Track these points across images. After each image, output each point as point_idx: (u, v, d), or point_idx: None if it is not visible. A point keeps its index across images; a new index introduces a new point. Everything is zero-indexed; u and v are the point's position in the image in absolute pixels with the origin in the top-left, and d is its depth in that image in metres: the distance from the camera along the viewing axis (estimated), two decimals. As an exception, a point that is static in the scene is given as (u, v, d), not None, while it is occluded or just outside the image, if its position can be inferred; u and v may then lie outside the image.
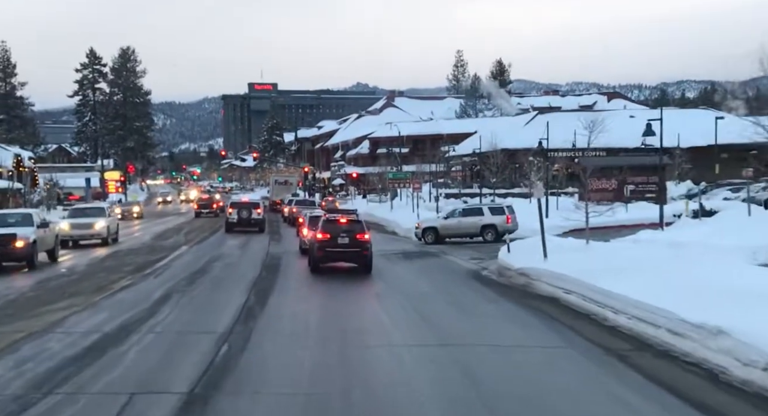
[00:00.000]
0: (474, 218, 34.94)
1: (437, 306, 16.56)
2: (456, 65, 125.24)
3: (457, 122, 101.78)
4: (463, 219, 35.14)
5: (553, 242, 22.88)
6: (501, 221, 34.43)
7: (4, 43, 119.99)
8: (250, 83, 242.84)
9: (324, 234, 23.01)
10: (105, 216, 33.97)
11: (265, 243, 34.74)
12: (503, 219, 34.48)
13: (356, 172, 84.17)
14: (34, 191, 59.58)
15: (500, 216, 34.57)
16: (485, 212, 34.94)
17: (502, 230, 34.40)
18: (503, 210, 34.96)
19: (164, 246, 31.77)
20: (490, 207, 35.73)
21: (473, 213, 35.30)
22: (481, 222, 34.56)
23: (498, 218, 34.54)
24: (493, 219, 34.62)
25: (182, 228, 46.10)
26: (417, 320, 14.80)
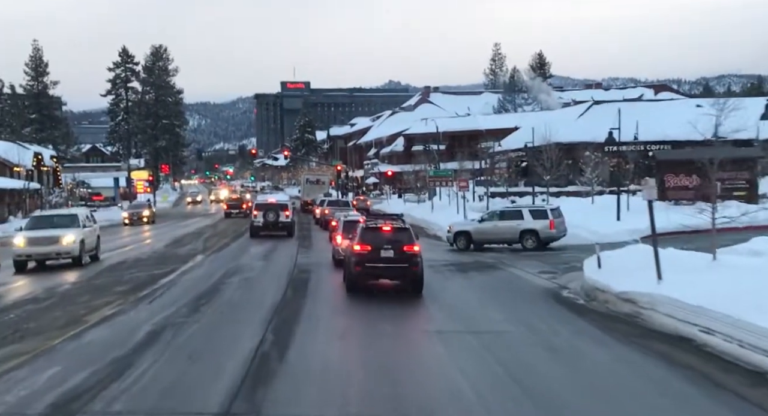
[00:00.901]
0: (512, 222, 29.74)
1: (527, 354, 11.55)
2: (493, 59, 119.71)
3: (497, 117, 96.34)
4: (500, 222, 29.99)
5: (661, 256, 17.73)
6: (543, 226, 29.21)
7: (36, 43, 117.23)
8: (283, 82, 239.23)
9: (363, 246, 18.14)
10: (77, 227, 24.60)
11: (293, 251, 29.98)
12: (545, 224, 29.15)
13: (391, 170, 79.17)
14: (54, 191, 55.65)
15: (542, 221, 29.20)
16: (525, 215, 29.60)
17: (544, 236, 29.29)
18: (546, 213, 29.55)
19: (176, 256, 27.14)
20: (531, 209, 30.36)
21: (511, 217, 30.00)
22: (519, 227, 29.32)
23: (540, 222, 29.25)
24: (534, 223, 29.35)
25: (204, 232, 41.57)
26: (506, 384, 9.79)
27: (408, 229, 18.74)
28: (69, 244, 23.75)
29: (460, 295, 18.39)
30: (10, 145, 55.31)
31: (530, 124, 74.88)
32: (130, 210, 54.58)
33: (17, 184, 50.28)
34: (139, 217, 51.87)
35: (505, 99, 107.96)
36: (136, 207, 56.06)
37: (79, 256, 24.19)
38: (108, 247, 31.31)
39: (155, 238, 36.78)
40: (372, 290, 18.37)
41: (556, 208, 30.79)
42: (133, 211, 53.40)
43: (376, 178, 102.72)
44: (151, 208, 55.05)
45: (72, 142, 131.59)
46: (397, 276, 18.45)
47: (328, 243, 33.05)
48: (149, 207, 54.90)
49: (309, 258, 26.97)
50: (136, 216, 52.14)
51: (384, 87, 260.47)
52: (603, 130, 45.23)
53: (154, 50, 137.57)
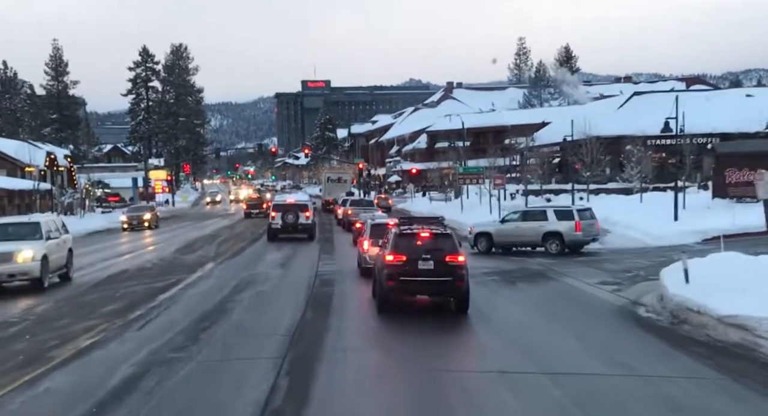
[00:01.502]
0: (535, 223, 26.53)
1: (636, 415, 8.27)
2: (518, 53, 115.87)
3: (523, 112, 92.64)
4: (523, 224, 26.83)
5: (758, 266, 14.34)
6: (568, 228, 25.84)
7: (55, 42, 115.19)
8: (303, 81, 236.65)
9: (397, 256, 14.93)
10: (39, 240, 18.90)
11: (313, 256, 26.82)
12: (570, 225, 25.87)
13: (415, 168, 75.87)
14: (66, 192, 52.98)
15: (567, 222, 25.91)
16: (549, 216, 26.49)
17: (569, 240, 25.85)
18: (571, 214, 26.33)
19: (184, 265, 24.05)
20: (555, 209, 27.29)
21: (534, 217, 26.94)
22: (543, 229, 26.18)
23: (564, 224, 25.90)
24: (559, 225, 26.03)
25: (219, 234, 38.55)
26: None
27: (451, 235, 15.48)
28: (26, 262, 18.12)
29: (516, 315, 15.10)
30: (21, 144, 52.74)
31: (560, 118, 71.31)
32: (129, 213, 48.07)
33: (27, 184, 47.62)
34: (139, 221, 46.02)
35: (530, 94, 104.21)
36: (136, 209, 49.58)
37: (40, 277, 18.37)
38: (110, 254, 28.45)
39: (165, 243, 33.80)
40: (407, 307, 15.19)
41: (586, 209, 27.45)
42: (133, 215, 47.12)
43: (398, 176, 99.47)
44: (153, 210, 48.88)
45: (93, 142, 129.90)
46: (438, 293, 15.22)
47: (352, 248, 29.94)
48: (151, 209, 48.85)
49: (332, 266, 23.80)
50: (136, 220, 46.19)
51: (404, 85, 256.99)
52: (646, 121, 41.67)
53: (174, 49, 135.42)
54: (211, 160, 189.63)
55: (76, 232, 42.38)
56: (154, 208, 50.55)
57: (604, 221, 32.31)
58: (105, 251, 30.33)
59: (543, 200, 44.90)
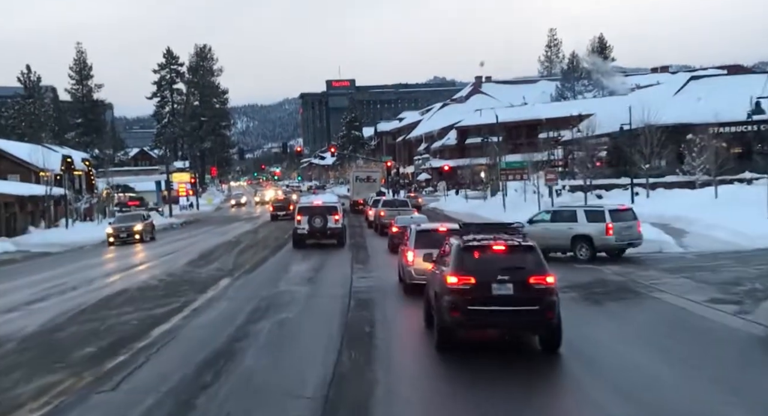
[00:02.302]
0: (563, 225, 23.07)
1: None
2: (549, 45, 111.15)
3: (558, 105, 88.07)
4: (551, 225, 23.46)
5: None
6: (598, 231, 22.17)
7: (79, 45, 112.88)
8: (328, 80, 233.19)
9: (463, 277, 10.98)
10: None
11: (345, 267, 22.91)
12: (600, 228, 22.20)
13: (448, 165, 71.64)
14: (82, 197, 49.73)
15: (597, 224, 22.34)
16: (579, 217, 23.09)
17: (599, 244, 21.94)
18: (602, 215, 22.64)
19: (195, 281, 20.22)
20: (586, 209, 23.86)
21: (563, 218, 23.57)
22: (571, 232, 22.69)
23: (594, 227, 22.19)
24: (588, 227, 22.33)
25: (240, 241, 34.81)
26: None
27: (534, 249, 11.42)
28: None
29: (623, 353, 11.08)
30: (34, 147, 49.60)
31: (601, 109, 66.76)
32: (116, 223, 38.81)
33: (40, 189, 44.42)
34: (129, 233, 36.83)
35: (563, 86, 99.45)
36: (125, 219, 39.80)
37: None
38: (115, 267, 24.77)
39: (180, 252, 30.06)
40: (474, 343, 11.26)
41: (624, 209, 23.48)
42: (120, 226, 37.74)
43: (428, 174, 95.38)
44: (146, 220, 39.80)
45: (119, 146, 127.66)
46: (520, 326, 11.20)
47: (388, 255, 26.02)
48: (143, 219, 39.51)
49: (368, 280, 19.86)
50: (125, 231, 36.92)
51: (429, 83, 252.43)
52: (709, 108, 37.10)
53: (198, 50, 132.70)
54: (238, 162, 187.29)
55: (87, 241, 39.21)
56: (148, 217, 41.56)
57: (677, 219, 28.08)
58: (111, 263, 26.77)
59: (593, 197, 40.60)
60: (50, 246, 36.91)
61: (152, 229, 40.11)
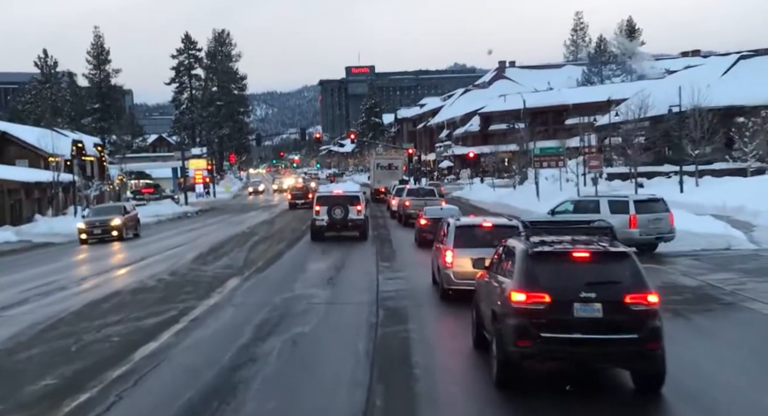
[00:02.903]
0: (585, 217, 19.69)
1: None
2: (575, 29, 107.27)
3: (586, 90, 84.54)
4: (573, 216, 21.08)
5: None
6: (620, 223, 19.37)
7: (96, 29, 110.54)
8: (347, 67, 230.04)
9: (534, 294, 8.23)
10: None
11: (370, 265, 20.17)
12: (623, 220, 19.87)
13: (472, 152, 68.53)
14: (92, 184, 47.39)
15: (620, 216, 20.03)
16: (602, 207, 21.16)
17: (622, 238, 18.75)
18: (627, 206, 20.63)
19: (199, 281, 17.55)
20: (611, 199, 21.86)
21: (586, 209, 21.55)
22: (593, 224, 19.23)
23: (617, 218, 19.42)
24: (612, 219, 18.90)
25: (255, 232, 32.17)
26: None
27: (629, 257, 8.58)
28: None
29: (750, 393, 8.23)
30: (43, 131, 47.22)
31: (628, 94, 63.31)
32: (90, 217, 31.72)
33: (47, 175, 42.08)
34: (104, 230, 30.15)
35: (590, 71, 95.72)
36: (101, 212, 32.51)
37: None
38: (113, 263, 22.20)
39: (188, 245, 27.39)
40: (543, 374, 8.49)
41: (654, 200, 21.29)
42: (94, 220, 30.72)
43: (450, 162, 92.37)
44: (127, 213, 32.42)
45: (137, 132, 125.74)
46: (612, 359, 8.39)
47: (416, 250, 23.33)
48: (123, 212, 32.04)
49: (397, 282, 17.10)
50: (99, 227, 30.22)
51: (449, 69, 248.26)
52: (761, 89, 33.77)
53: (217, 35, 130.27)
54: (257, 149, 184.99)
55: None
56: (132, 210, 34.28)
57: (740, 211, 25.02)
58: (111, 257, 24.25)
59: (632, 185, 37.52)
60: (54, 236, 34.53)
61: (136, 224, 33.44)
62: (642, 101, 32.14)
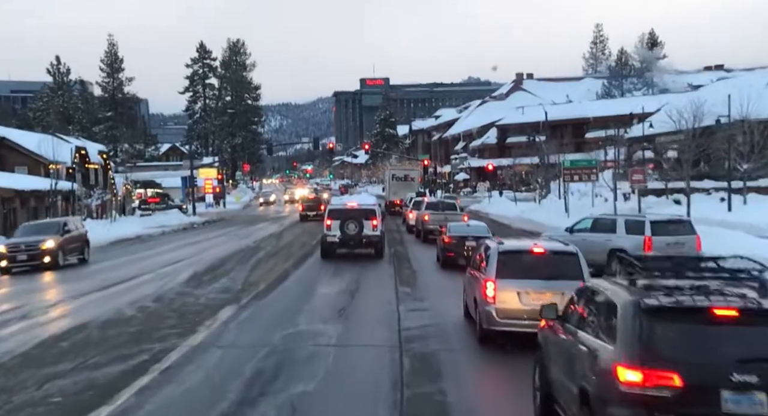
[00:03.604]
0: (602, 236, 19.48)
1: None
2: (594, 42, 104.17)
3: (606, 103, 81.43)
4: (590, 236, 19.78)
5: None
6: (634, 245, 18.05)
7: (111, 37, 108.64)
8: (362, 79, 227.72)
9: (658, 374, 5.21)
10: None
11: (388, 291, 17.19)
12: (638, 242, 18.27)
13: (491, 164, 65.52)
14: (93, 193, 44.75)
15: (635, 237, 18.56)
16: (618, 227, 19.45)
17: None
18: (642, 226, 18.77)
19: (185, 312, 14.61)
20: (627, 219, 20.05)
21: (603, 228, 19.96)
22: (609, 245, 18.79)
23: (631, 240, 18.46)
24: (625, 240, 18.65)
25: (261, 247, 29.27)
26: None
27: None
28: None
29: None
30: (44, 137, 44.67)
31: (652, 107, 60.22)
32: (17, 238, 24.80)
33: (45, 183, 39.44)
34: (32, 256, 23.39)
35: (610, 84, 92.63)
36: (32, 231, 25.24)
37: None
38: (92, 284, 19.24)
39: (185, 262, 24.45)
40: None
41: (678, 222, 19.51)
42: (18, 243, 24.05)
43: (466, 174, 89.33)
44: (65, 234, 25.03)
45: (151, 141, 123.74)
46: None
47: (439, 271, 20.44)
48: (60, 232, 24.80)
49: (421, 314, 14.14)
50: (25, 252, 23.47)
51: (464, 82, 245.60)
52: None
53: (231, 45, 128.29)
54: (270, 159, 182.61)
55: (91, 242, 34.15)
56: (75, 228, 26.92)
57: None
58: (99, 275, 21.32)
59: (670, 203, 34.46)
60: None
61: (84, 247, 26.68)
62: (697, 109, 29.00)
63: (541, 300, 10.22)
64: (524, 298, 11.16)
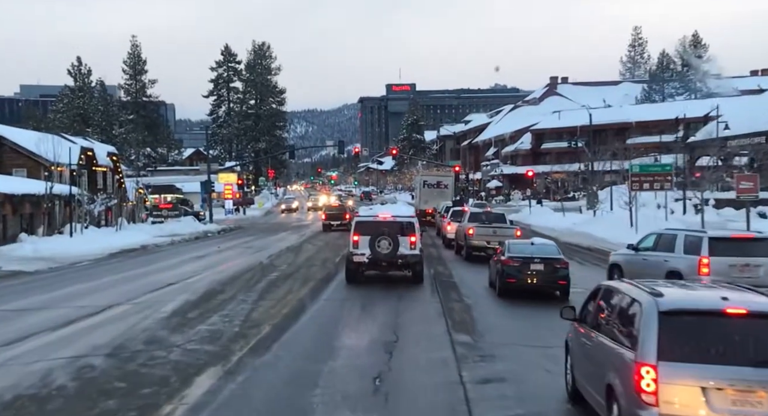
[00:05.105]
0: (660, 256, 15.95)
1: None
2: (632, 45, 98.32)
3: (649, 107, 75.82)
4: (651, 255, 16.41)
5: None
6: (688, 267, 14.66)
7: (134, 39, 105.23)
8: (388, 84, 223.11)
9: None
10: None
11: (440, 341, 12.06)
12: (692, 264, 14.62)
13: (531, 171, 60.10)
14: (97, 198, 40.23)
15: (690, 258, 14.81)
16: (677, 245, 15.51)
17: None
18: (698, 245, 14.83)
19: (140, 381, 9.45)
20: (688, 234, 15.72)
21: (663, 246, 16.19)
22: (665, 266, 15.44)
23: (687, 261, 14.83)
24: (681, 262, 15.06)
25: (274, 265, 24.27)
26: None
27: None
28: None
29: None
30: (44, 136, 40.28)
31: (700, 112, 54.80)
32: None
33: (39, 187, 34.99)
34: None
35: (651, 88, 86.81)
36: None
37: None
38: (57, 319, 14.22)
39: (179, 285, 19.39)
40: None
41: (749, 239, 15.47)
42: None
43: (498, 181, 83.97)
44: None
45: (175, 145, 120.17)
46: None
47: (500, 304, 15.46)
48: None
49: (501, 388, 9.06)
50: None
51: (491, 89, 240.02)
52: None
53: (257, 48, 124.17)
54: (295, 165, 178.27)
55: (89, 254, 29.55)
56: None
57: None
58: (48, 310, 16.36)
59: (754, 216, 29.01)
60: (33, 262, 27.21)
61: None
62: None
63: (749, 404, 5.31)
64: (716, 400, 6.08)
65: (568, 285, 17.02)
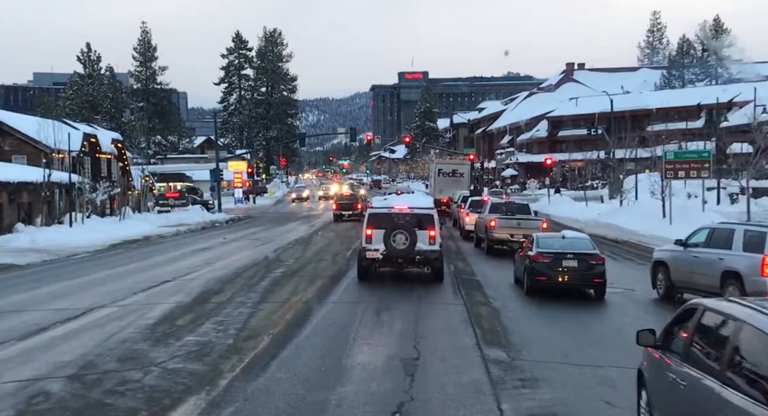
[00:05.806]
0: (714, 253, 13.55)
1: None
2: (651, 30, 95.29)
3: (670, 93, 73.09)
4: (703, 252, 13.99)
5: None
6: (749, 268, 12.36)
7: (144, 25, 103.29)
8: (400, 72, 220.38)
9: None
10: None
11: (469, 357, 10.04)
12: (754, 263, 12.29)
13: (550, 159, 57.80)
14: (98, 186, 38.44)
15: (751, 256, 12.44)
16: (735, 241, 13.14)
17: (751, 290, 12.07)
18: (763, 240, 12.40)
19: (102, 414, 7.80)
20: (748, 229, 13.37)
21: (717, 242, 13.73)
22: (721, 265, 13.14)
23: (746, 260, 12.50)
24: (740, 260, 12.73)
25: (280, 260, 22.28)
26: None
27: None
28: None
29: None
30: (44, 121, 38.48)
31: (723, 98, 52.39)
32: None
33: (36, 174, 33.22)
34: None
35: (670, 74, 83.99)
36: None
37: None
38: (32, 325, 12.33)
39: (178, 282, 17.51)
40: None
41: None
42: None
43: (514, 170, 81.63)
44: None
45: (186, 133, 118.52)
46: None
47: (530, 305, 13.49)
48: None
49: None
50: None
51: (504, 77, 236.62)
52: None
53: (268, 34, 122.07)
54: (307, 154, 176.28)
55: (87, 245, 27.74)
56: None
57: None
58: (22, 313, 14.50)
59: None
60: (27, 254, 25.43)
61: None
62: None
63: None
64: None
65: (604, 284, 15.10)
